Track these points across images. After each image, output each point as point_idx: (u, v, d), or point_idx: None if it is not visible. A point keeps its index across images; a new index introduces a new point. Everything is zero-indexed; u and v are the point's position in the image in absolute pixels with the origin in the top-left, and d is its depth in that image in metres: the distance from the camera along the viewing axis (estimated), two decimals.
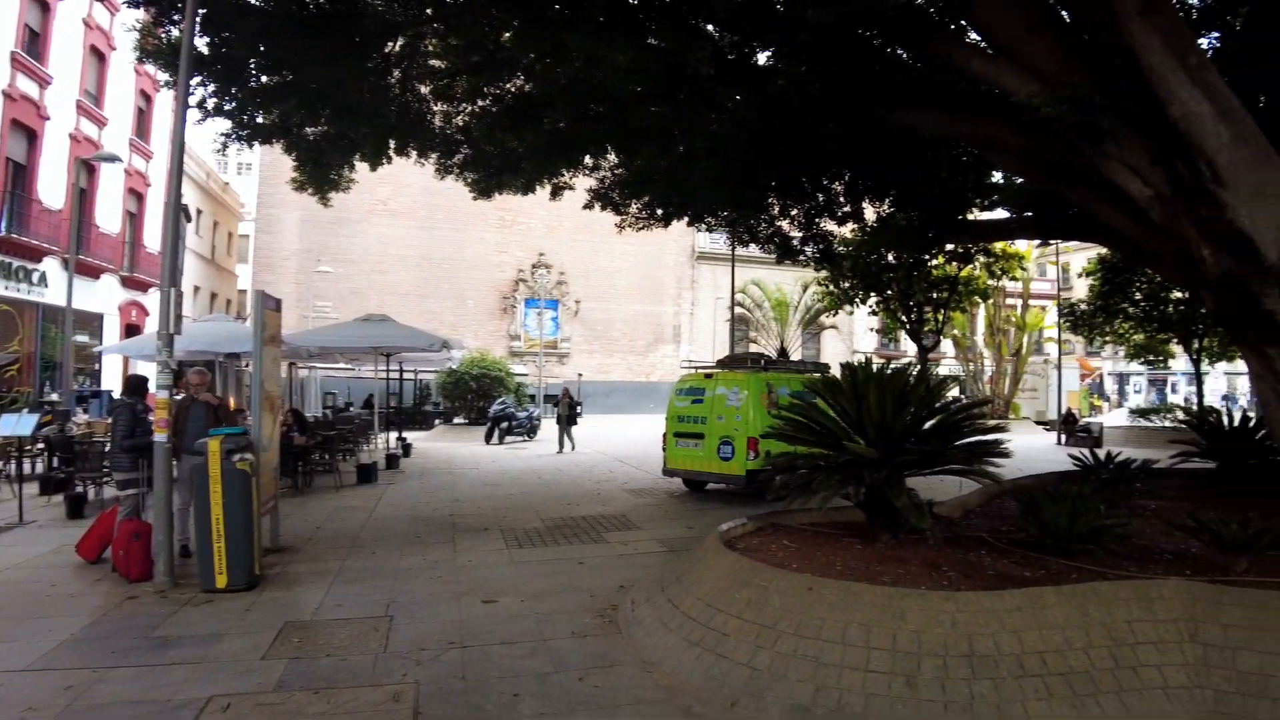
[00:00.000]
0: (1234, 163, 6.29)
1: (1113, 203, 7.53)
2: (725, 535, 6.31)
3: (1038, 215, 11.58)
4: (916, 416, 6.32)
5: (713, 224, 14.37)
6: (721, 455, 11.58)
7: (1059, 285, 34.16)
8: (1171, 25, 6.51)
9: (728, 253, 25.95)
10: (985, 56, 7.41)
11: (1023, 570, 5.41)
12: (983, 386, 33.48)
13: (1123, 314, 22.26)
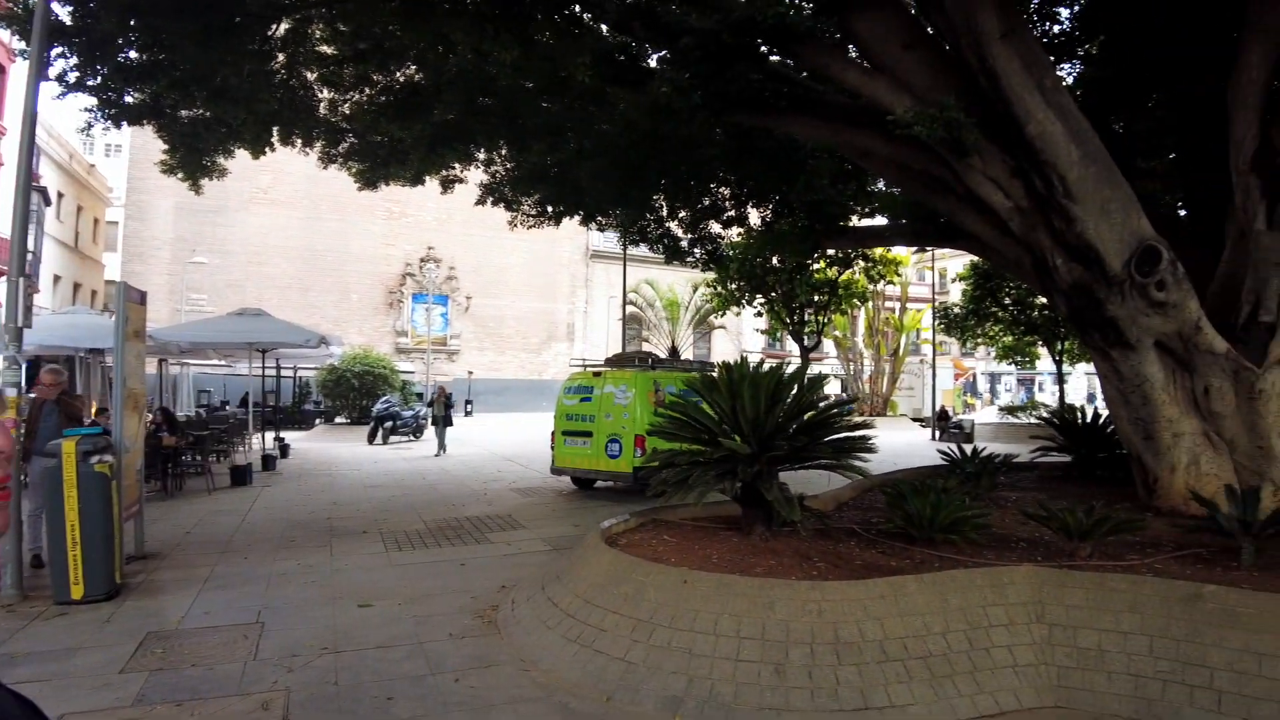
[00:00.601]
0: (1083, 179, 6.78)
1: (977, 213, 7.99)
2: (607, 532, 6.37)
3: (913, 223, 12.14)
4: (789, 413, 6.55)
5: (604, 223, 14.44)
6: (609, 453, 11.67)
7: (935, 290, 35.93)
8: (1030, 50, 6.97)
9: (622, 252, 26.16)
10: (861, 70, 7.73)
11: (889, 560, 5.68)
12: (862, 385, 34.85)
13: (993, 317, 23.66)
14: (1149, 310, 6.81)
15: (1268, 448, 7.00)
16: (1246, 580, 5.10)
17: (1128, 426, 7.54)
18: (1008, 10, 6.89)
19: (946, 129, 6.62)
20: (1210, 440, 7.19)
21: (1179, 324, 6.85)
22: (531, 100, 10.26)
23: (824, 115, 8.44)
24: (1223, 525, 5.70)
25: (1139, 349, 7.06)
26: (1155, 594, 4.67)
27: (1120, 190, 6.90)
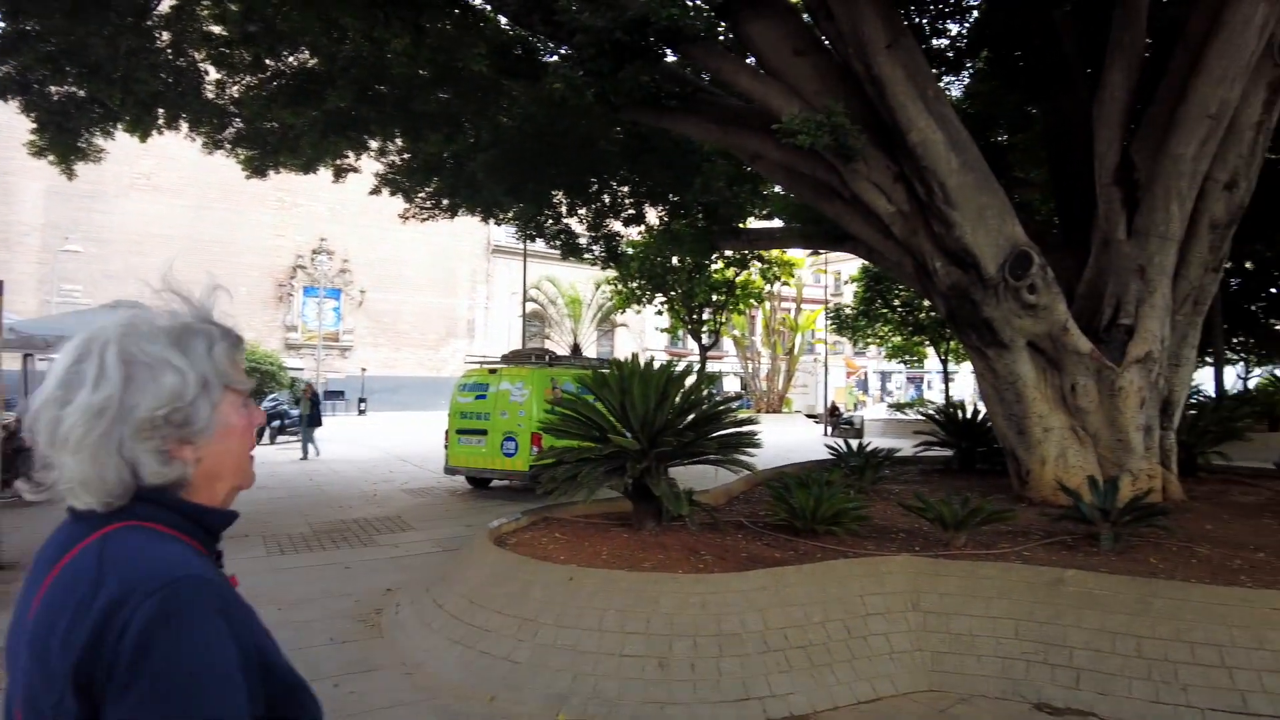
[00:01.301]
0: (962, 187, 7.09)
1: (863, 217, 8.26)
2: (495, 532, 6.29)
3: (805, 226, 12.45)
4: (678, 410, 6.62)
5: (501, 217, 14.25)
6: (505, 451, 11.54)
7: (828, 291, 37.00)
8: (914, 60, 7.24)
9: (523, 247, 25.92)
10: (753, 74, 7.86)
11: (773, 552, 5.80)
12: (760, 383, 35.63)
13: (883, 318, 24.57)
14: (1021, 312, 7.19)
15: (1126, 440, 7.49)
16: (1105, 564, 5.43)
17: (1002, 422, 7.95)
18: (893, 21, 7.14)
19: (833, 135, 6.80)
20: (1077, 434, 7.64)
21: (1049, 325, 7.26)
22: (426, 90, 10.03)
23: (717, 117, 8.56)
24: (1085, 514, 6.06)
25: (1012, 348, 7.45)
26: (1022, 580, 4.93)
27: (996, 198, 7.25)
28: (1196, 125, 7.10)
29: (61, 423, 0.96)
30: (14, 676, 0.97)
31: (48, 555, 1.00)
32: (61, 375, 0.98)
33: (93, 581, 0.92)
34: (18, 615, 1.01)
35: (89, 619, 0.89)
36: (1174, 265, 7.65)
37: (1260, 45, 6.89)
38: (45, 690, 0.91)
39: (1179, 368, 8.23)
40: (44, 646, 0.92)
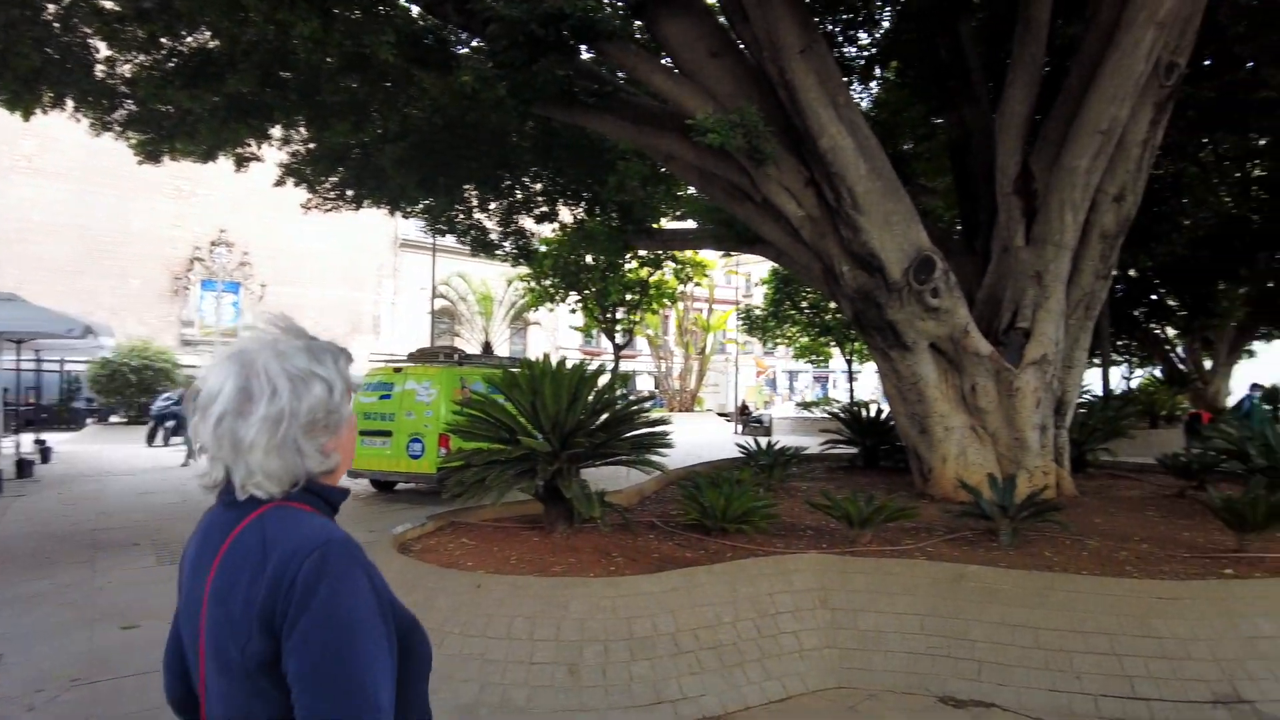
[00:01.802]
0: (870, 193, 7.25)
1: (773, 220, 8.37)
2: (400, 538, 6.10)
3: (717, 228, 12.55)
4: (590, 410, 6.55)
5: (409, 211, 13.86)
6: (411, 453, 11.23)
7: (739, 292, 37.58)
8: (826, 67, 7.35)
9: (432, 242, 25.35)
10: (668, 74, 7.86)
11: (684, 552, 5.80)
12: (673, 382, 35.90)
13: (791, 320, 25.06)
14: (924, 315, 7.41)
15: (1023, 439, 7.80)
16: (1004, 559, 5.63)
17: (905, 421, 8.18)
18: (807, 27, 7.24)
19: (746, 136, 6.85)
20: (977, 433, 7.92)
21: (950, 328, 7.50)
22: (333, 77, 9.66)
23: (632, 116, 8.53)
24: (986, 510, 6.27)
25: (915, 350, 7.67)
26: (926, 576, 5.06)
27: (902, 204, 7.44)
28: (1090, 140, 7.45)
29: (246, 432, 1.19)
30: (192, 633, 1.25)
31: (211, 537, 1.25)
32: (233, 393, 1.20)
33: (262, 550, 1.18)
34: (189, 587, 1.27)
35: (265, 578, 1.15)
36: (1068, 272, 8.01)
37: (1148, 67, 7.27)
38: (232, 636, 1.17)
39: (1071, 369, 8.62)
40: (226, 605, 1.18)
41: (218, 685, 1.21)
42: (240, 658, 1.16)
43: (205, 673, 1.23)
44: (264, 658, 1.15)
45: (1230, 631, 4.56)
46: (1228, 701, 4.18)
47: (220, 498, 1.27)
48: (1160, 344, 25.76)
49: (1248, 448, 7.82)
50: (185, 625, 1.28)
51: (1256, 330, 24.36)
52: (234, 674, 1.18)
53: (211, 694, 1.23)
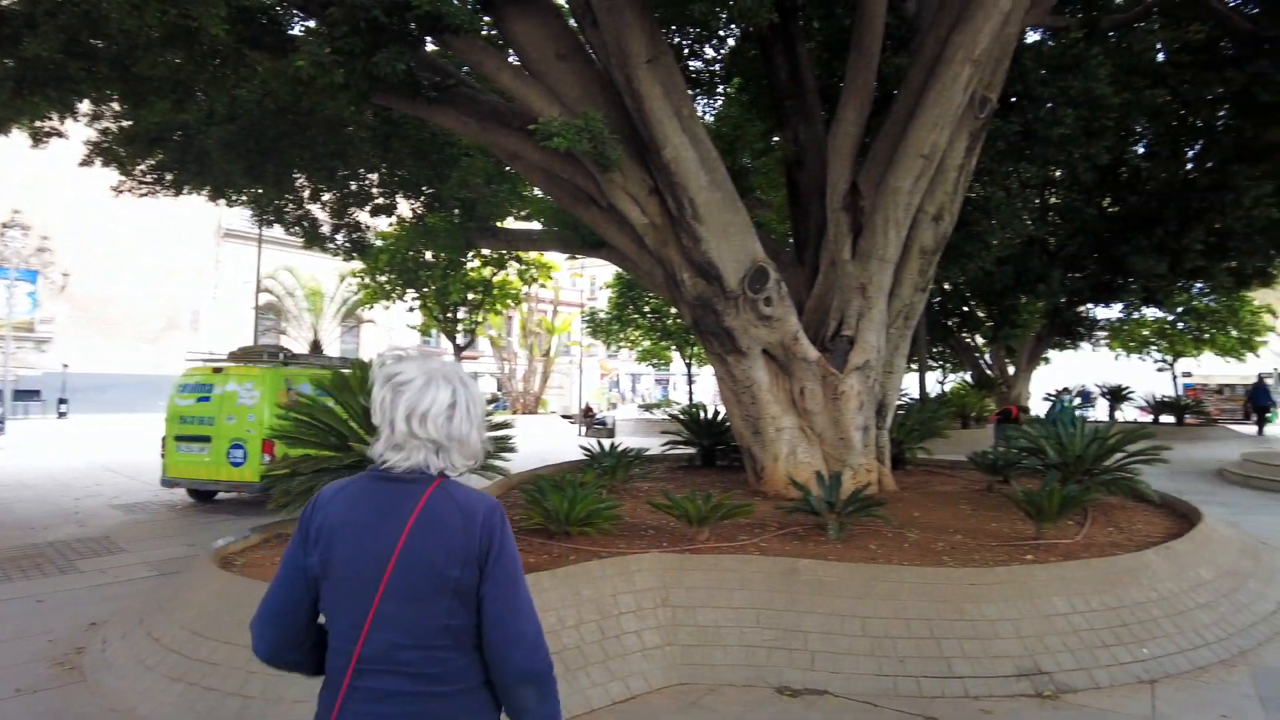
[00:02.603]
0: (710, 204, 7.49)
1: (618, 226, 8.48)
2: (221, 552, 5.72)
3: (562, 230, 12.57)
4: None
5: (234, 199, 12.92)
6: (232, 460, 10.48)
7: (584, 295, 37.77)
8: (672, 78, 7.52)
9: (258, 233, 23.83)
10: (515, 73, 7.77)
11: (528, 556, 5.75)
12: (517, 384, 35.58)
13: (634, 324, 25.45)
14: (758, 322, 7.75)
15: (848, 439, 8.30)
16: (832, 552, 5.96)
17: (740, 423, 8.51)
18: (656, 38, 7.38)
19: (592, 142, 6.89)
20: (805, 434, 8.35)
21: (782, 335, 7.88)
22: (153, 50, 8.85)
23: (477, 113, 8.38)
24: (814, 506, 6.62)
25: (749, 355, 8.02)
26: (761, 571, 5.28)
27: (740, 216, 7.75)
28: (913, 163, 8.04)
29: (457, 427, 1.67)
30: (357, 576, 1.62)
31: (381, 503, 1.66)
32: (446, 402, 1.66)
33: (465, 509, 1.65)
34: (355, 543, 1.64)
35: (476, 527, 1.64)
36: (890, 285, 8.61)
37: (965, 100, 7.95)
38: (438, 581, 1.60)
39: (891, 374, 9.26)
40: (428, 550, 1.61)
41: (403, 612, 1.60)
42: (451, 585, 1.61)
43: (380, 605, 1.60)
44: (467, 584, 1.62)
45: (1031, 611, 5.05)
46: (1030, 674, 4.64)
47: (375, 475, 1.70)
48: (970, 351, 28.16)
49: (1045, 446, 8.66)
50: (348, 574, 1.64)
51: (1052, 340, 27.07)
52: (432, 599, 1.60)
53: (385, 622, 1.60)
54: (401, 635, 1.60)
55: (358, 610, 1.61)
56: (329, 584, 1.66)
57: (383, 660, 1.60)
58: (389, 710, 1.60)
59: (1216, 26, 12.22)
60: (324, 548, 1.66)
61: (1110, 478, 8.08)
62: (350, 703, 1.61)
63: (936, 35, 7.92)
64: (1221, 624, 5.47)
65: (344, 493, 1.72)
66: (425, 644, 1.61)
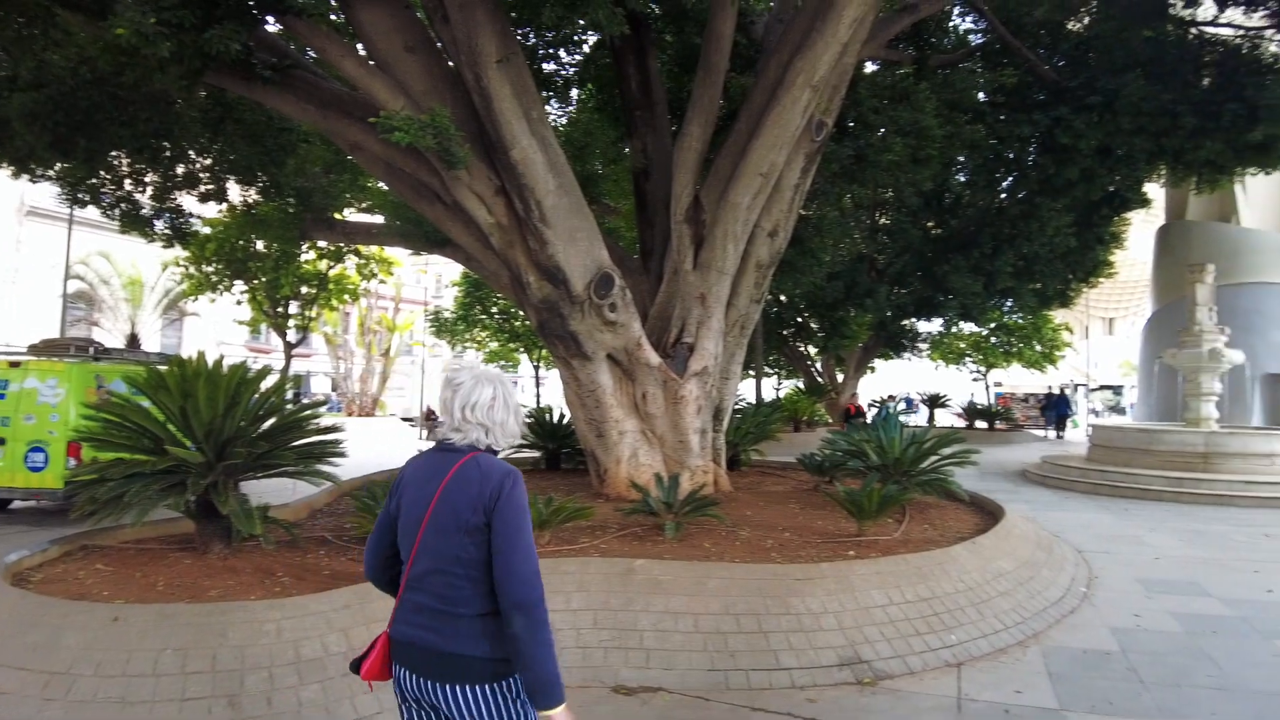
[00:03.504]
0: (557, 208, 7.50)
1: (463, 224, 8.34)
2: (15, 567, 5.18)
3: (404, 225, 12.22)
4: (251, 417, 6.04)
5: (39, 174, 11.68)
6: (31, 465, 9.46)
7: (429, 293, 36.81)
8: (522, 80, 7.46)
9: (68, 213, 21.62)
10: (360, 61, 7.49)
11: (358, 566, 5.55)
12: (354, 385, 34.18)
13: (481, 324, 25.03)
14: (603, 328, 7.85)
15: (686, 442, 8.54)
16: (669, 551, 6.12)
17: (584, 426, 8.59)
18: (507, 38, 7.30)
19: (437, 138, 6.75)
20: (647, 437, 8.52)
21: (625, 340, 8.01)
22: None
23: (318, 99, 8.02)
24: (652, 507, 6.77)
25: (594, 360, 8.11)
26: (599, 572, 5.35)
27: (587, 221, 7.81)
28: (753, 180, 8.37)
29: (502, 416, 2.28)
30: (415, 518, 2.23)
31: (435, 467, 2.26)
32: (489, 396, 2.26)
33: (483, 474, 2.19)
34: (416, 496, 2.25)
35: (489, 485, 2.17)
36: (728, 295, 8.95)
37: (803, 123, 8.35)
38: (459, 515, 2.16)
39: (728, 380, 9.61)
40: (456, 500, 2.17)
41: (434, 542, 2.18)
42: (465, 525, 2.14)
43: (422, 537, 2.20)
44: (478, 525, 2.14)
45: (852, 604, 5.38)
46: (851, 663, 4.94)
47: (439, 448, 2.30)
48: (803, 360, 29.61)
49: (867, 449, 9.23)
50: (408, 516, 2.25)
51: (878, 350, 28.91)
52: (453, 534, 2.15)
53: (424, 550, 2.19)
54: (432, 562, 2.19)
55: (410, 541, 2.24)
56: (400, 522, 2.30)
57: (421, 581, 2.21)
58: (419, 620, 2.20)
59: (1028, 74, 13.46)
60: (398, 497, 2.33)
61: (926, 479, 8.73)
62: (401, 611, 2.25)
63: (779, 59, 8.27)
64: (1018, 610, 6.03)
65: (419, 460, 2.36)
66: (445, 570, 2.18)
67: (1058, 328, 31.13)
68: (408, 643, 2.20)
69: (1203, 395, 15.37)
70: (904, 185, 12.99)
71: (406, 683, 2.20)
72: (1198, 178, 14.14)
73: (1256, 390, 21.98)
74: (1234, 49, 12.71)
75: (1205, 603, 6.70)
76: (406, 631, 2.21)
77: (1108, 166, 14.85)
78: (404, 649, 2.21)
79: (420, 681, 2.17)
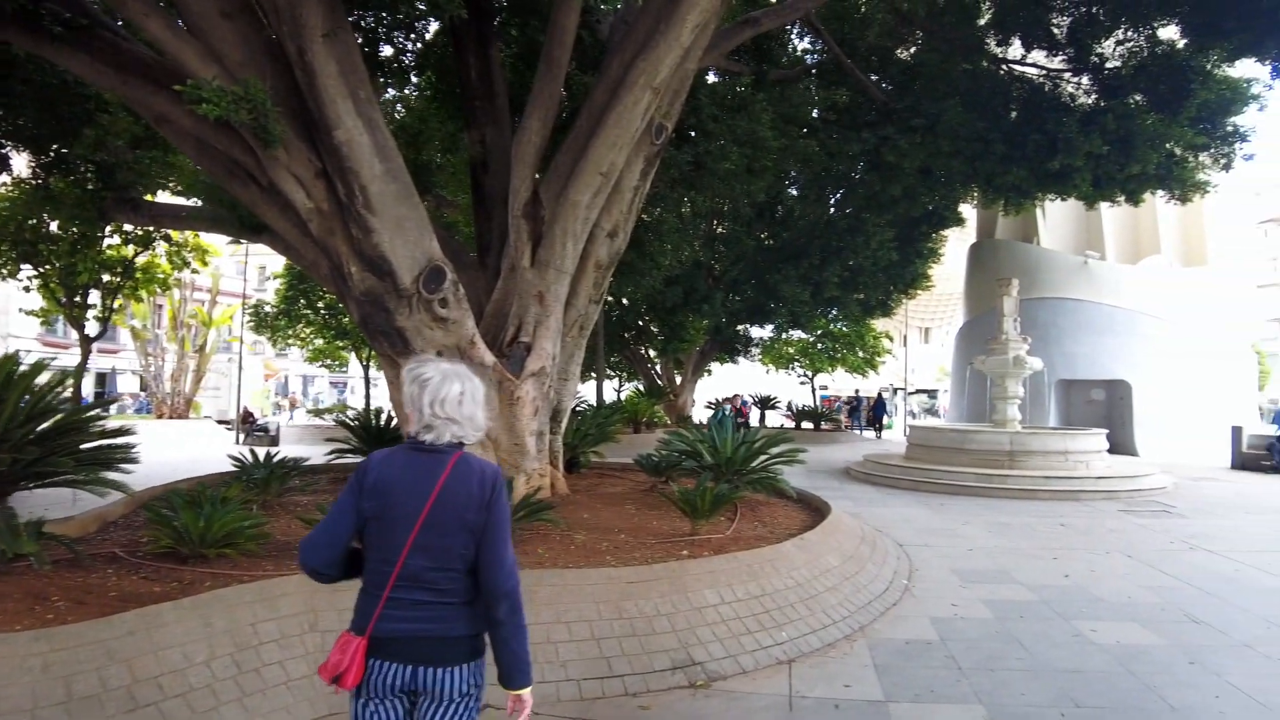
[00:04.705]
0: (383, 194, 7.03)
1: (280, 209, 7.69)
2: None
3: (220, 209, 11.25)
4: (22, 418, 5.29)
5: None
6: None
7: (248, 285, 34.35)
8: (350, 57, 6.95)
9: None
10: (168, 23, 6.74)
11: (153, 586, 4.99)
12: (164, 383, 31.35)
13: (305, 320, 23.56)
14: (433, 324, 7.42)
15: (522, 444, 8.27)
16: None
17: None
18: (335, 12, 6.77)
19: (252, 113, 6.20)
20: (480, 440, 8.17)
21: (458, 338, 7.63)
22: None
23: (118, 63, 7.18)
24: None
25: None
26: None
27: (417, 211, 7.37)
28: (592, 179, 8.23)
29: (466, 409, 2.36)
30: (405, 515, 2.29)
31: (421, 467, 2.33)
32: (458, 391, 2.35)
33: (478, 472, 2.35)
34: (405, 495, 2.30)
35: (486, 484, 2.34)
36: (566, 295, 8.74)
37: (644, 125, 8.31)
38: (458, 512, 2.29)
39: (566, 381, 9.43)
40: (455, 498, 2.29)
41: (433, 541, 2.28)
42: (469, 524, 2.29)
43: (417, 536, 2.27)
44: (477, 523, 2.29)
45: (685, 605, 5.34)
46: (684, 666, 4.88)
47: (413, 447, 2.36)
48: (643, 362, 29.95)
49: (700, 449, 9.32)
50: (395, 515, 2.30)
51: (714, 354, 29.71)
52: (456, 533, 2.28)
53: (420, 549, 2.27)
54: (430, 560, 2.28)
55: (399, 540, 2.27)
56: (380, 522, 2.30)
57: (414, 578, 2.28)
58: (419, 614, 2.28)
59: (859, 94, 14.15)
60: (379, 496, 2.31)
61: (756, 477, 8.91)
62: (390, 608, 2.27)
63: (622, 59, 8.18)
64: (845, 604, 6.22)
65: (392, 459, 2.38)
66: (445, 566, 2.29)
67: (879, 336, 33.16)
68: (405, 638, 2.28)
69: (1008, 398, 16.73)
70: (739, 195, 13.32)
71: (389, 677, 2.29)
72: (1005, 200, 15.37)
73: (1053, 394, 24.27)
74: (1038, 86, 13.91)
75: (1013, 589, 7.19)
76: (403, 627, 2.28)
77: (928, 186, 15.92)
78: (398, 644, 2.28)
79: (412, 671, 2.28)
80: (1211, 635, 5.93)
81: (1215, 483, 15.83)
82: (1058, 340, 23.96)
